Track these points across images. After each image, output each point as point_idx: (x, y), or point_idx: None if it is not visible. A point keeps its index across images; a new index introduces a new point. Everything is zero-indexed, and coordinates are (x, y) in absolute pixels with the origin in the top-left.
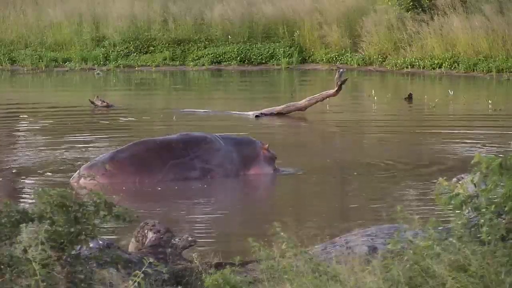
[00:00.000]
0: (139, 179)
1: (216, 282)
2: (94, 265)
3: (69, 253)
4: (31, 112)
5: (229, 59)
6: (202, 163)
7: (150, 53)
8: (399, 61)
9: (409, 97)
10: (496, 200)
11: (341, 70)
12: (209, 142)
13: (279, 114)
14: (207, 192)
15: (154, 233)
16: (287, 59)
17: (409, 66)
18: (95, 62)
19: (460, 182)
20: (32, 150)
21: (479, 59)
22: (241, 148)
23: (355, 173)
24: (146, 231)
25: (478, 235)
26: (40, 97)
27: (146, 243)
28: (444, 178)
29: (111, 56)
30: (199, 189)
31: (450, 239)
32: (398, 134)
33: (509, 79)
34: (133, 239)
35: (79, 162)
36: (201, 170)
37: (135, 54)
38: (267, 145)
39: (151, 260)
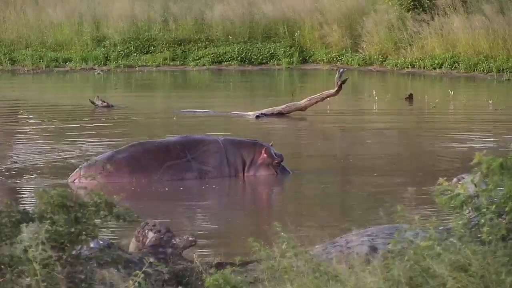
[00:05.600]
0: (136, 179)
1: (217, 282)
2: (95, 265)
3: (70, 253)
4: (31, 112)
5: (229, 59)
6: (199, 164)
7: (150, 53)
8: (399, 61)
9: (410, 97)
10: (496, 200)
11: (341, 70)
12: (207, 144)
13: (280, 114)
14: (207, 193)
15: (155, 233)
16: (288, 59)
17: (409, 66)
18: (95, 62)
19: (460, 182)
20: (32, 150)
21: (480, 59)
22: (241, 151)
23: (355, 173)
24: (146, 231)
25: (479, 235)
26: (41, 97)
27: (146, 243)
28: (445, 178)
29: (112, 56)
30: (200, 190)
31: (451, 239)
32: (398, 134)
33: (510, 79)
34: (133, 239)
35: (79, 162)
36: (198, 171)
37: (135, 54)
38: (265, 148)
39: (152, 260)
